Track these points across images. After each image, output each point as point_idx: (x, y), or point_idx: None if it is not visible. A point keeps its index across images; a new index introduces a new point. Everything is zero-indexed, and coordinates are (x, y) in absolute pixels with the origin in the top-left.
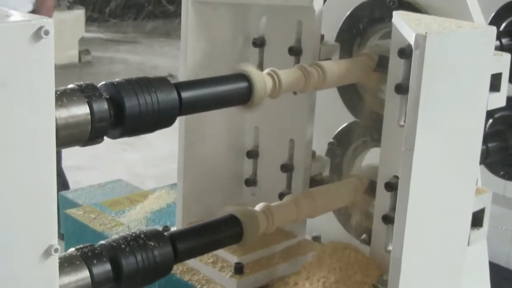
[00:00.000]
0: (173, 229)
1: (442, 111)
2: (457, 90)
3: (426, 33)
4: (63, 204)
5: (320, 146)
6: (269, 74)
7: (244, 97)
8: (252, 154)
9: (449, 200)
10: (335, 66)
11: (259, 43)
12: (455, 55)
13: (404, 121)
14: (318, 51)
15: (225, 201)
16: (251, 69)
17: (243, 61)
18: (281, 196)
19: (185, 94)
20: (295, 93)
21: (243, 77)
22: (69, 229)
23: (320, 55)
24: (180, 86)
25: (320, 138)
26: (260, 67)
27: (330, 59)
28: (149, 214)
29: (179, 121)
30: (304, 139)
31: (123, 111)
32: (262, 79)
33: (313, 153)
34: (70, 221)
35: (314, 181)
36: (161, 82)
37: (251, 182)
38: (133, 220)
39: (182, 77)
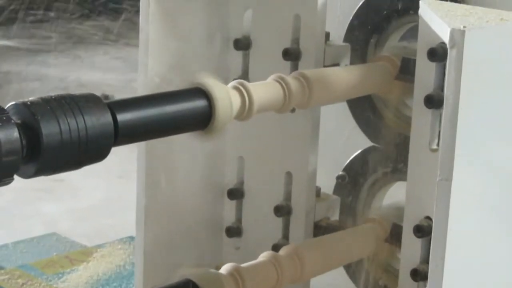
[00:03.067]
0: None
1: (488, 129)
2: (510, 101)
3: (464, 27)
4: None
5: (327, 181)
6: (235, 88)
7: (202, 120)
8: (236, 193)
9: (502, 248)
10: (334, 75)
11: (243, 44)
12: (503, 55)
13: (438, 144)
14: (322, 54)
15: (200, 258)
16: (211, 82)
17: (222, 68)
18: (275, 249)
19: (123, 117)
20: (293, 110)
21: (201, 92)
22: None
23: (324, 59)
24: (116, 107)
25: (326, 171)
26: (245, 75)
27: (338, 64)
28: (97, 278)
29: (138, 151)
30: (305, 172)
31: (39, 141)
32: (226, 96)
33: (318, 191)
34: None
35: (319, 228)
36: (90, 101)
37: (234, 231)
38: (77, 286)
39: (142, 91)
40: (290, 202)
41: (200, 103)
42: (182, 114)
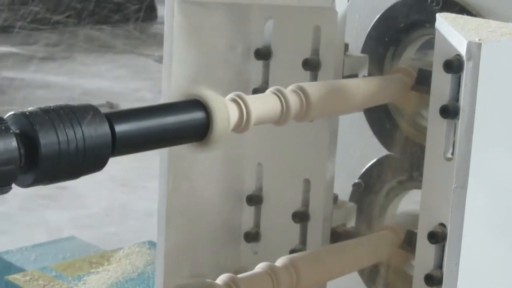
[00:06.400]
0: None
1: (503, 138)
2: None
3: (480, 40)
4: (2, 268)
5: (343, 188)
6: (233, 100)
7: (199, 131)
8: (254, 199)
9: None
10: (340, 87)
11: (264, 54)
12: None
13: (452, 153)
14: (341, 65)
15: (219, 262)
16: (208, 94)
17: (242, 77)
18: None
19: (121, 128)
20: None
21: (198, 104)
22: None
23: (343, 70)
24: (114, 118)
25: (343, 178)
26: (265, 84)
27: (356, 75)
28: (116, 280)
29: (161, 157)
30: (323, 179)
31: (37, 151)
32: (223, 108)
33: (335, 198)
34: None
35: (336, 234)
36: (88, 112)
37: (252, 236)
38: None
39: (165, 99)
40: (307, 209)
41: (197, 115)
42: (180, 125)
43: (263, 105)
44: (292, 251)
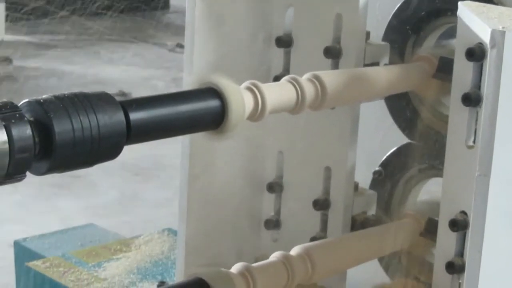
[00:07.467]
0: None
1: None
2: None
3: (503, 28)
4: (22, 255)
5: (363, 176)
6: (248, 89)
7: (214, 120)
8: (275, 187)
9: None
10: (357, 76)
11: (285, 42)
12: None
13: (474, 141)
14: (362, 53)
15: (239, 249)
16: (224, 82)
17: (264, 65)
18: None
19: (135, 116)
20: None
21: (214, 92)
22: (31, 286)
23: (364, 58)
24: (129, 105)
25: (363, 166)
26: (286, 72)
27: (377, 63)
28: (136, 267)
29: (182, 145)
30: (344, 167)
31: (51, 138)
32: (239, 96)
33: (356, 185)
34: (33, 276)
35: (356, 222)
36: (102, 100)
37: (273, 223)
38: (117, 274)
39: (187, 87)
40: (328, 196)
41: (213, 103)
42: (195, 113)
43: (278, 93)
44: (313, 239)
